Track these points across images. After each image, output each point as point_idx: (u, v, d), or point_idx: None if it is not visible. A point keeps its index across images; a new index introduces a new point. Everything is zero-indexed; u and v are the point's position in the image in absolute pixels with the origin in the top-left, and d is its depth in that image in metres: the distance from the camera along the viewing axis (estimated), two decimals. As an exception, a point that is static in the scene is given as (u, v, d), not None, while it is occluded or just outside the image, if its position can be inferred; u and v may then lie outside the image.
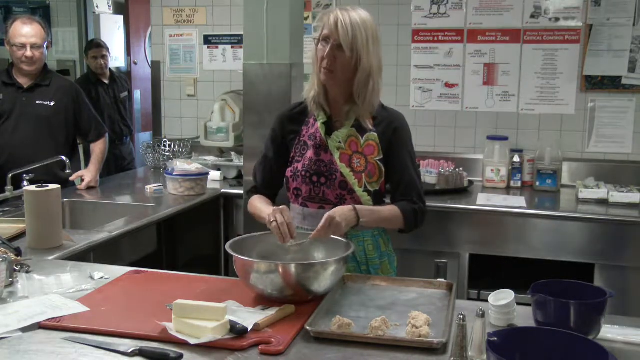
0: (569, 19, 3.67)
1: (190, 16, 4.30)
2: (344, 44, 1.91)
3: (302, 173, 2.06)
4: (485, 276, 3.23)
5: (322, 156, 2.04)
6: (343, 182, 2.02)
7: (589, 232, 3.07)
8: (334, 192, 2.03)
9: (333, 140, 2.04)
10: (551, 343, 1.31)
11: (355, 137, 2.04)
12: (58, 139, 3.35)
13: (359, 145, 2.04)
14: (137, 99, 6.02)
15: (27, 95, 3.28)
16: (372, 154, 2.04)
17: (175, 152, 4.09)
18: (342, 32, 1.91)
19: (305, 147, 2.08)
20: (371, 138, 2.04)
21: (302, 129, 2.11)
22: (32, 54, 3.21)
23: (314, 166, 2.04)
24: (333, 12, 1.95)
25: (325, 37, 1.95)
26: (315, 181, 2.04)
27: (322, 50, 1.96)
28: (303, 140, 2.09)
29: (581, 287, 1.63)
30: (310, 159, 2.05)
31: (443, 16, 3.84)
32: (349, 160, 2.02)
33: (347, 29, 1.90)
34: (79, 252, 2.32)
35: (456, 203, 3.29)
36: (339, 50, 1.93)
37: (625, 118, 3.66)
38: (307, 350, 1.48)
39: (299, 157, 2.08)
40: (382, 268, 2.09)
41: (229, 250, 1.77)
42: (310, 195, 2.06)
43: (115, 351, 1.45)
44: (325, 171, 2.03)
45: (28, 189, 2.31)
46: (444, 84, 3.87)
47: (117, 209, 3.13)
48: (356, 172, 2.02)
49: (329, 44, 1.93)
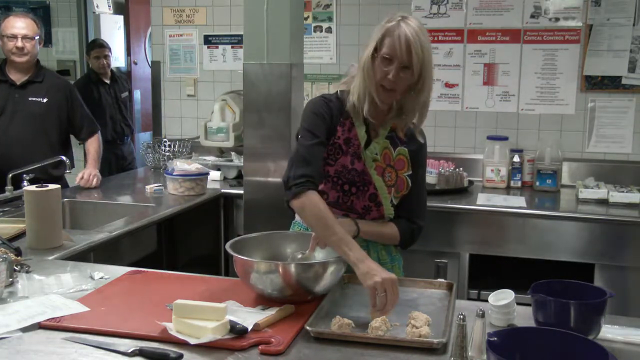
0: (569, 19, 3.67)
1: (190, 16, 4.30)
2: (415, 68, 1.81)
3: (333, 179, 1.95)
4: (485, 276, 3.23)
5: (356, 165, 1.95)
6: (374, 194, 1.96)
7: (588, 232, 3.07)
8: (362, 203, 1.97)
9: (370, 151, 1.97)
10: (551, 343, 1.31)
11: (389, 150, 1.99)
12: (51, 136, 3.35)
13: (391, 159, 1.99)
14: (137, 99, 6.01)
15: (20, 92, 3.29)
16: (403, 169, 2.01)
17: (175, 152, 4.09)
18: (415, 58, 1.79)
19: (340, 152, 1.96)
20: (402, 153, 2.01)
21: (338, 128, 1.96)
22: (22, 45, 3.22)
23: (347, 175, 1.95)
24: (400, 30, 1.80)
25: (391, 56, 1.81)
26: (346, 190, 1.96)
27: (383, 69, 1.82)
28: (338, 142, 1.96)
29: (581, 287, 1.63)
30: (344, 166, 1.95)
31: (443, 16, 3.84)
32: (382, 172, 1.98)
33: (419, 54, 1.79)
34: (79, 252, 2.31)
35: (456, 203, 3.29)
36: (405, 72, 1.82)
37: (625, 118, 3.66)
38: (307, 350, 1.48)
39: (332, 161, 1.95)
40: (393, 272, 2.08)
41: (229, 250, 1.77)
42: (338, 202, 1.97)
43: (115, 351, 1.45)
44: (357, 181, 1.95)
45: (28, 189, 2.31)
46: (444, 84, 3.87)
47: (117, 209, 3.13)
48: (388, 186, 1.98)
49: (394, 63, 1.81)
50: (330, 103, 1.97)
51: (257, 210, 3.12)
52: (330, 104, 1.96)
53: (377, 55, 1.84)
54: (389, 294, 1.63)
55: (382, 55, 1.83)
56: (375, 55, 1.85)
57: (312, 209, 1.80)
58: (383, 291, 1.62)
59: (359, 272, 1.68)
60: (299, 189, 1.82)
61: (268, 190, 3.07)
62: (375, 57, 1.85)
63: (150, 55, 5.25)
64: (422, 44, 1.80)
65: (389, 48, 1.81)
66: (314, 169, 1.86)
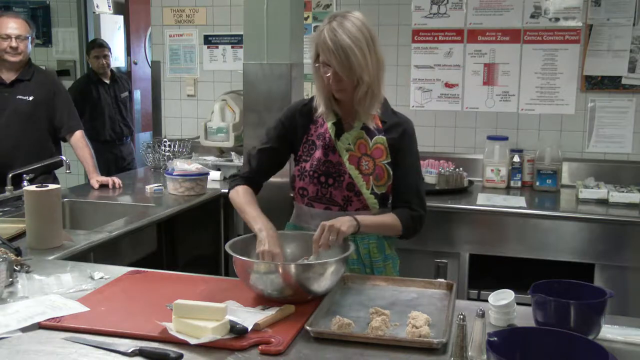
0: (569, 19, 3.67)
1: (190, 16, 4.30)
2: (343, 73, 1.88)
3: (309, 173, 2.05)
4: (485, 276, 3.23)
5: (330, 157, 2.03)
6: (350, 183, 2.01)
7: (588, 232, 3.07)
8: (341, 194, 2.02)
9: (342, 141, 2.03)
10: (551, 343, 1.32)
11: (364, 139, 2.04)
12: (41, 135, 3.36)
13: (367, 148, 2.03)
14: (137, 99, 6.02)
15: (9, 91, 3.30)
16: (381, 157, 2.04)
17: (175, 152, 4.08)
18: (338, 62, 1.86)
19: (314, 147, 2.06)
20: (379, 142, 2.04)
21: (311, 127, 2.09)
22: (16, 45, 3.25)
23: (322, 167, 2.03)
24: (324, 32, 1.88)
25: (324, 63, 1.91)
26: (322, 182, 2.03)
27: (324, 75, 1.92)
28: (311, 139, 2.07)
29: (581, 287, 1.63)
30: (318, 159, 2.04)
31: (443, 16, 3.84)
32: (357, 162, 2.02)
33: (341, 57, 1.85)
34: (79, 252, 2.31)
35: (456, 203, 3.29)
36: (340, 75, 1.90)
37: (625, 118, 3.66)
38: (307, 350, 1.48)
39: (307, 157, 2.07)
40: (385, 271, 2.08)
41: (228, 251, 1.78)
42: (317, 196, 2.05)
43: (115, 351, 1.45)
44: (333, 172, 2.02)
45: (28, 189, 2.31)
46: (444, 84, 3.87)
47: (117, 209, 3.13)
48: (364, 174, 2.01)
49: (330, 69, 1.89)
50: (297, 107, 2.12)
51: (257, 210, 3.12)
52: (298, 108, 2.12)
53: (318, 62, 1.94)
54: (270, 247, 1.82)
55: (317, 59, 1.94)
56: (317, 62, 1.94)
57: (232, 199, 2.09)
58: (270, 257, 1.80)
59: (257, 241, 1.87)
60: (232, 184, 2.13)
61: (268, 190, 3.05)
62: (317, 63, 1.95)
63: (150, 55, 5.25)
64: (345, 46, 1.86)
65: (321, 55, 1.92)
66: (250, 170, 2.14)
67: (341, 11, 1.95)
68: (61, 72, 5.65)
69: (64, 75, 5.60)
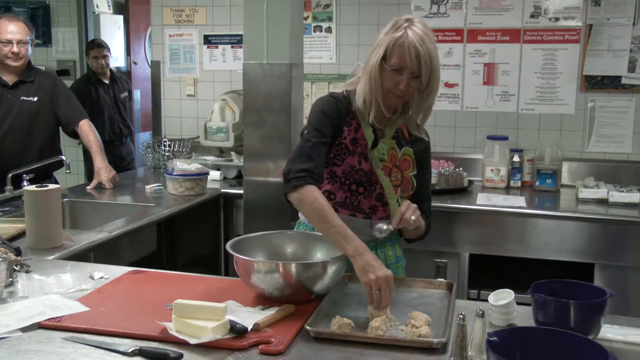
0: (569, 19, 3.67)
1: (190, 16, 4.30)
2: (424, 77, 1.83)
3: (340, 179, 1.96)
4: (485, 276, 3.23)
5: (363, 165, 1.95)
6: (380, 194, 1.97)
7: (588, 232, 3.07)
8: (369, 203, 1.98)
9: (378, 151, 1.97)
10: (551, 343, 1.31)
11: (395, 150, 2.00)
12: (45, 135, 3.37)
13: (397, 159, 2.01)
14: (137, 99, 6.01)
15: (12, 92, 3.31)
16: (408, 169, 2.02)
17: (175, 152, 4.08)
18: (425, 67, 1.81)
19: (347, 152, 1.95)
20: (407, 153, 2.03)
21: (344, 129, 1.95)
22: (18, 50, 3.25)
23: (354, 175, 1.95)
24: (409, 40, 1.79)
25: (401, 67, 1.81)
26: (353, 190, 1.96)
27: (394, 79, 1.83)
28: (344, 142, 1.95)
29: (581, 287, 1.63)
30: (351, 166, 1.95)
31: (443, 16, 3.84)
32: (389, 173, 1.99)
33: (428, 62, 1.80)
34: (79, 252, 2.31)
35: (456, 203, 3.29)
36: (415, 80, 1.84)
37: (625, 118, 3.66)
38: (307, 350, 1.48)
39: (339, 161, 1.95)
40: (397, 273, 2.08)
41: (229, 250, 1.77)
42: (345, 202, 1.97)
43: (115, 351, 1.45)
44: (365, 181, 1.96)
45: (28, 189, 2.31)
46: (444, 83, 3.86)
47: (117, 209, 3.13)
48: (394, 186, 1.99)
49: (404, 74, 1.82)
50: (339, 103, 1.96)
51: (257, 210, 3.12)
52: (339, 104, 1.95)
53: (385, 64, 1.84)
54: (383, 292, 1.63)
55: (392, 66, 1.83)
56: (383, 64, 1.84)
57: (310, 202, 1.79)
58: (378, 289, 1.63)
59: (356, 266, 1.69)
60: (299, 182, 1.81)
61: (268, 190, 3.07)
62: (383, 66, 1.84)
63: (150, 55, 5.25)
64: (430, 51, 1.81)
65: (399, 59, 1.81)
66: (316, 166, 1.85)
67: (407, 16, 1.86)
68: (61, 72, 5.64)
69: (64, 75, 5.58)
